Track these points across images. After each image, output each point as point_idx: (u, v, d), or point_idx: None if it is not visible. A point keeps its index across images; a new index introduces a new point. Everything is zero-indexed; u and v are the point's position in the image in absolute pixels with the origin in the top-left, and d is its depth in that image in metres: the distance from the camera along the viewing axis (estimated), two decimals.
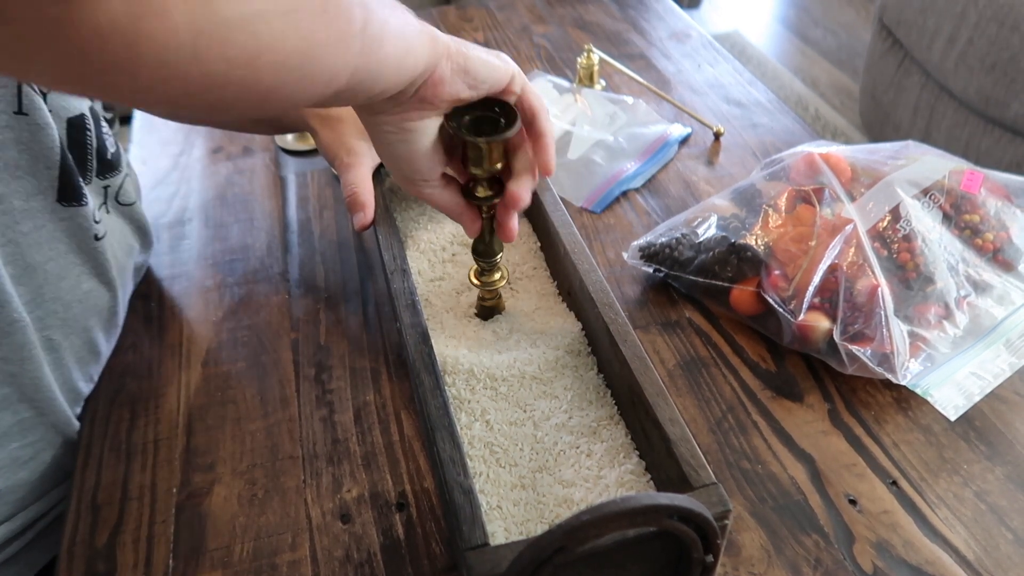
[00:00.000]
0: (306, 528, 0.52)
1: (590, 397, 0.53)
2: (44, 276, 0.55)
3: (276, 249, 0.74)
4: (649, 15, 1.17)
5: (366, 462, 0.56)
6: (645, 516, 0.36)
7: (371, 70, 0.39)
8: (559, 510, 0.47)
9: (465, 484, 0.43)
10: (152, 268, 0.72)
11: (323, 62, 0.35)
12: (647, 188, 0.82)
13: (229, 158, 0.88)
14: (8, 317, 0.51)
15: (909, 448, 0.56)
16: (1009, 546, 0.50)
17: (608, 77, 1.00)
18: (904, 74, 1.67)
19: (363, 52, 0.37)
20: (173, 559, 0.50)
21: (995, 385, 0.59)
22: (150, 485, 0.55)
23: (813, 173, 0.67)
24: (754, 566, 0.49)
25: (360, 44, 0.37)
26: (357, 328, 0.66)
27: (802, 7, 2.88)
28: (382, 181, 0.70)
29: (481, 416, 0.52)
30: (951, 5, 1.48)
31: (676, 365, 0.62)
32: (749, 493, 0.53)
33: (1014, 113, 1.40)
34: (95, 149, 0.59)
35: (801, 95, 2.37)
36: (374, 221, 0.63)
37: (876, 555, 0.50)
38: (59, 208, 0.55)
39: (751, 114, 0.93)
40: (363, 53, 0.37)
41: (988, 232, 0.64)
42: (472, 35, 1.12)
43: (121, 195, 0.64)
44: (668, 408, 0.46)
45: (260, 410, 0.59)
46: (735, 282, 0.64)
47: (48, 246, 0.55)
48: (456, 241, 0.67)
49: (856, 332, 0.58)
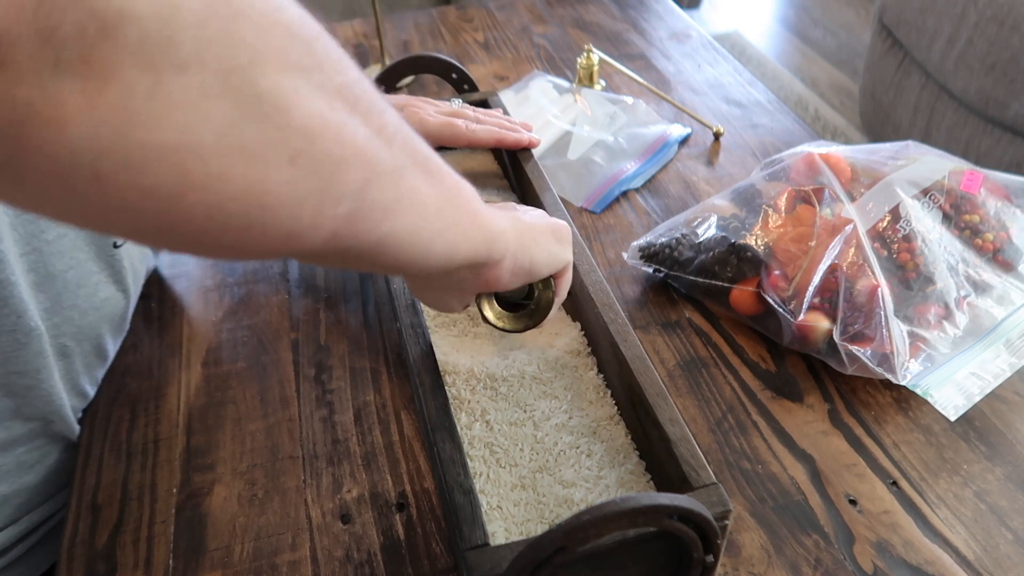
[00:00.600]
0: (306, 528, 0.52)
1: (590, 397, 0.53)
2: (64, 284, 0.55)
3: None
4: (649, 15, 1.17)
5: (366, 462, 0.56)
6: (645, 516, 0.36)
7: (366, 240, 0.32)
8: (559, 510, 0.47)
9: (465, 484, 0.43)
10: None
11: (279, 216, 0.27)
12: (647, 188, 0.82)
13: None
14: (25, 327, 0.51)
15: (909, 448, 0.56)
16: (1009, 546, 0.50)
17: (608, 77, 1.00)
18: (904, 74, 1.67)
19: (353, 218, 0.30)
20: (173, 559, 0.50)
21: (995, 385, 0.59)
22: (150, 485, 0.55)
23: (813, 173, 0.67)
24: (754, 566, 0.49)
25: (350, 207, 0.29)
26: (357, 328, 0.66)
27: (802, 7, 2.88)
28: None
29: (481, 416, 0.52)
30: (951, 5, 1.48)
31: (676, 365, 0.62)
32: (749, 493, 0.53)
33: (1014, 113, 1.40)
34: None
35: (801, 95, 2.37)
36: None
37: (876, 555, 0.50)
38: None
39: (751, 114, 0.93)
40: (353, 219, 0.30)
41: (988, 232, 0.64)
42: (472, 35, 1.12)
43: None
44: (668, 408, 0.46)
45: (260, 410, 0.59)
46: (735, 282, 0.64)
47: (69, 254, 0.55)
48: None
49: (856, 332, 0.58)
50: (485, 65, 1.05)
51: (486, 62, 1.05)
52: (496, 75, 1.02)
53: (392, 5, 2.18)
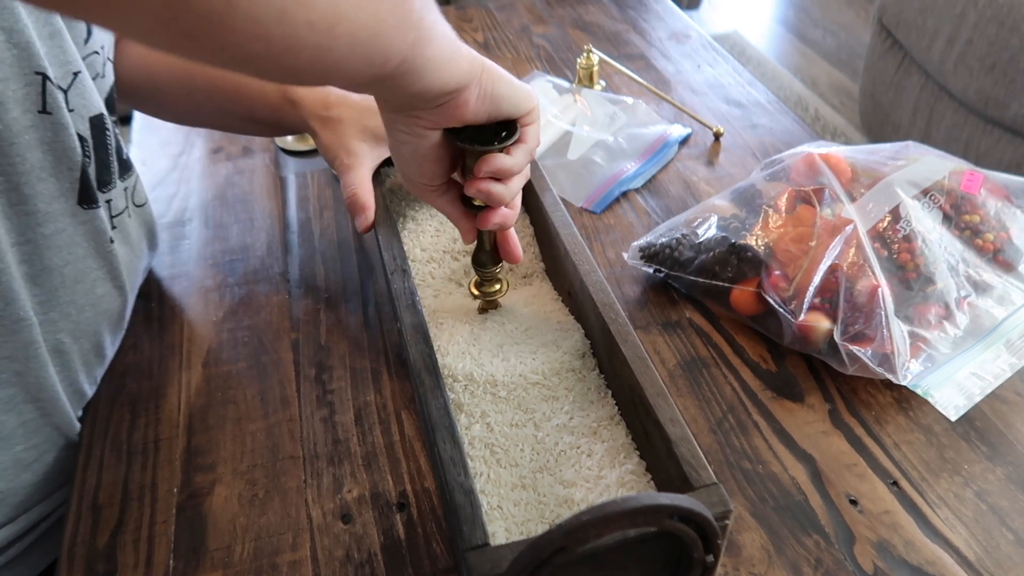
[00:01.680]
0: (307, 528, 0.52)
1: (591, 397, 0.53)
2: (61, 279, 0.55)
3: (276, 249, 0.74)
4: (649, 16, 1.17)
5: (367, 462, 0.56)
6: (646, 516, 0.36)
7: (417, 64, 0.40)
8: (560, 510, 0.47)
9: (466, 484, 0.43)
10: (152, 268, 0.72)
11: (384, 41, 0.37)
12: (647, 188, 0.82)
13: (229, 158, 0.88)
14: (14, 315, 0.51)
15: (910, 448, 0.56)
16: (1010, 546, 0.50)
17: (608, 77, 1.00)
18: (904, 74, 1.68)
19: (415, 43, 0.39)
20: (174, 559, 0.50)
21: (996, 385, 0.59)
22: (151, 485, 0.54)
23: (813, 173, 0.67)
24: (755, 566, 0.49)
25: (415, 35, 0.39)
26: (357, 328, 0.66)
27: (802, 8, 2.88)
28: (382, 182, 0.70)
29: (481, 417, 0.52)
30: (951, 6, 1.48)
31: (676, 365, 0.62)
32: (750, 493, 0.53)
33: (1014, 113, 1.40)
34: (115, 149, 0.59)
35: (801, 95, 2.38)
36: (375, 222, 0.63)
37: (877, 555, 0.50)
38: (80, 211, 0.55)
39: (751, 114, 0.93)
40: (415, 44, 0.39)
41: (988, 233, 0.64)
42: (472, 35, 1.12)
43: (136, 196, 0.64)
44: (669, 408, 0.46)
45: (261, 410, 0.59)
46: (735, 282, 0.64)
47: (67, 250, 0.55)
48: (458, 241, 0.67)
49: (856, 332, 0.58)
50: None
51: None
52: None
53: None
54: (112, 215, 0.60)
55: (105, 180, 0.58)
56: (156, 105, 0.74)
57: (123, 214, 0.61)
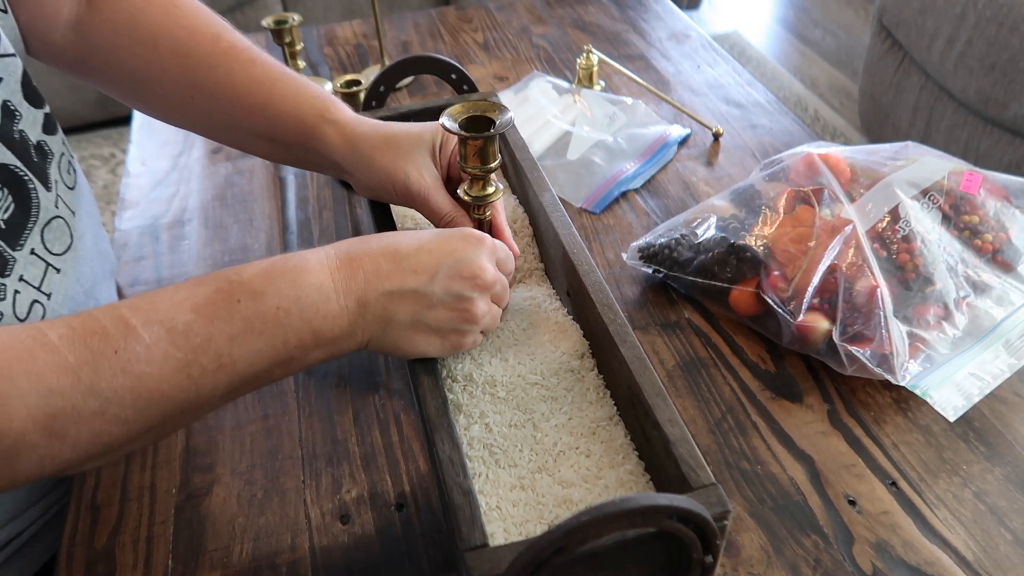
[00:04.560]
0: (305, 528, 0.52)
1: (590, 398, 0.53)
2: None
3: (276, 249, 0.74)
4: (648, 16, 1.17)
5: (365, 463, 0.56)
6: (644, 517, 0.36)
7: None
8: (558, 511, 0.47)
9: (464, 485, 0.43)
10: (153, 268, 0.72)
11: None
12: (646, 189, 0.82)
13: (229, 159, 0.88)
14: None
15: (908, 449, 0.56)
16: (1008, 547, 0.50)
17: (607, 78, 1.00)
18: (903, 75, 1.68)
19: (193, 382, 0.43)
20: (172, 560, 0.50)
21: (994, 386, 0.59)
22: (149, 486, 0.55)
23: (812, 174, 0.67)
24: (754, 567, 0.49)
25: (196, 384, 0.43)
26: None
27: (801, 8, 2.88)
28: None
29: (480, 418, 0.52)
30: (950, 6, 1.48)
31: (675, 366, 0.62)
32: (749, 494, 0.53)
33: (1013, 114, 1.40)
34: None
35: (800, 96, 2.38)
36: (377, 226, 0.63)
37: (876, 556, 0.50)
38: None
39: (750, 115, 0.93)
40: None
41: (987, 233, 0.64)
42: (471, 36, 1.12)
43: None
44: (667, 409, 0.46)
45: (259, 411, 0.59)
46: (734, 283, 0.64)
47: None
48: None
49: (855, 333, 0.58)
50: (485, 66, 1.05)
51: (486, 63, 1.05)
52: (496, 76, 1.02)
53: (392, 6, 2.18)
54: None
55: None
56: (138, 100, 0.64)
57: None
